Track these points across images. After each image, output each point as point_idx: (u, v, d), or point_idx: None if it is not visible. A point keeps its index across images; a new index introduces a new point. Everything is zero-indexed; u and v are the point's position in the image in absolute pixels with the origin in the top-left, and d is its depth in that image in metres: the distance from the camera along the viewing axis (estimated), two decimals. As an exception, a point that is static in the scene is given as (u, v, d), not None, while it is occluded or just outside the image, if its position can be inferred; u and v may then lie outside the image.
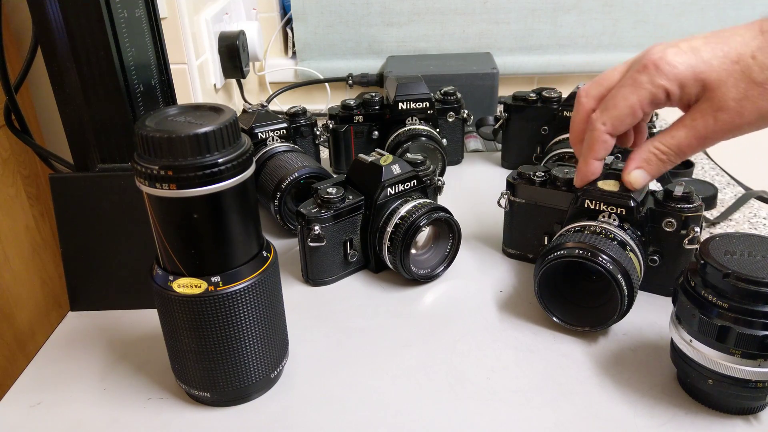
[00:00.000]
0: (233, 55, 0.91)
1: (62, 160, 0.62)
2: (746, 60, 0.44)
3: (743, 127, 0.45)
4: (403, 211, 0.61)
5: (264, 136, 0.75)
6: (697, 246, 0.52)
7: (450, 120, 0.87)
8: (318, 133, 0.83)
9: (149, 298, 0.46)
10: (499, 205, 0.65)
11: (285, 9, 1.15)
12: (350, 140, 0.85)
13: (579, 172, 0.55)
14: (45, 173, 0.76)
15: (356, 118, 0.84)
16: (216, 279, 0.43)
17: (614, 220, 0.56)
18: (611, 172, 0.57)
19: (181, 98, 0.67)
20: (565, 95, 0.82)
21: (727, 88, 0.44)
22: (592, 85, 0.53)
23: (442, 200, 0.67)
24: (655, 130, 0.75)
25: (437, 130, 0.84)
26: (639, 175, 0.51)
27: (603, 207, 0.56)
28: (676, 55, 0.46)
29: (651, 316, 0.57)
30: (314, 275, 0.64)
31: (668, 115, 1.07)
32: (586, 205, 0.57)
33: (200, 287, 0.43)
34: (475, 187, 0.84)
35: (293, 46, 1.16)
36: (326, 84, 1.14)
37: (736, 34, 0.46)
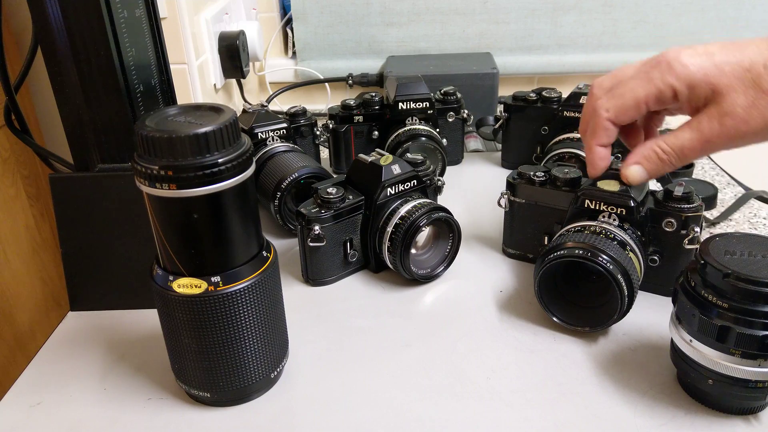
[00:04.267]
0: (233, 55, 0.91)
1: (62, 160, 0.62)
2: (758, 68, 0.44)
3: (748, 135, 0.45)
4: (403, 211, 0.61)
5: (264, 136, 0.75)
6: (697, 246, 0.52)
7: (450, 120, 0.87)
8: (318, 133, 0.83)
9: (149, 298, 0.46)
10: (499, 205, 0.65)
11: (285, 9, 1.15)
12: (350, 140, 0.85)
13: (588, 161, 0.55)
14: (45, 173, 0.76)
15: (356, 118, 0.84)
16: (216, 279, 0.43)
17: (614, 220, 0.56)
18: (611, 172, 0.57)
19: (181, 98, 0.67)
20: (565, 95, 0.82)
21: (736, 95, 0.45)
22: (606, 77, 0.53)
23: (442, 200, 0.67)
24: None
25: (437, 130, 0.84)
26: (636, 170, 0.51)
27: (603, 207, 0.56)
28: (690, 56, 0.47)
29: (651, 316, 0.57)
30: (314, 275, 0.64)
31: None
32: (586, 205, 0.57)
33: (200, 287, 0.43)
34: (475, 187, 0.84)
35: (293, 46, 1.16)
36: (326, 84, 1.14)
37: (753, 44, 0.46)
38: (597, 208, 0.57)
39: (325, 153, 0.91)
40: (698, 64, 0.46)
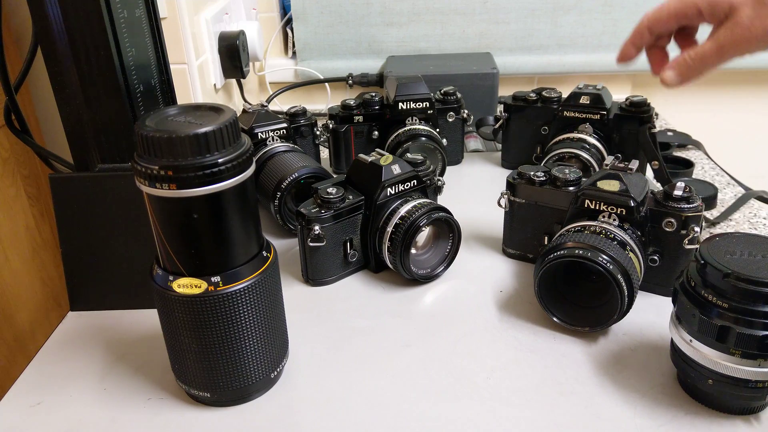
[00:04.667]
0: (233, 55, 0.91)
1: (62, 160, 0.62)
2: None
3: (752, 42, 0.54)
4: (403, 211, 0.61)
5: (264, 136, 0.75)
6: (697, 246, 0.52)
7: (450, 120, 0.87)
8: (318, 133, 0.83)
9: (149, 298, 0.46)
10: (499, 205, 0.65)
11: (285, 9, 1.15)
12: (350, 140, 0.85)
13: (620, 50, 0.64)
14: (45, 173, 0.76)
15: (356, 118, 0.84)
16: (216, 279, 0.43)
17: (614, 220, 0.56)
18: (611, 173, 0.57)
19: (181, 98, 0.67)
20: (565, 95, 0.82)
21: (746, 9, 0.54)
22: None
23: (442, 200, 0.67)
24: (654, 130, 0.75)
25: (437, 130, 0.84)
26: (669, 74, 0.60)
27: (603, 207, 0.56)
28: None
29: (651, 316, 0.57)
30: (314, 275, 0.64)
31: (670, 118, 1.07)
32: (586, 205, 0.57)
33: (200, 287, 0.43)
34: (475, 187, 0.84)
35: (293, 46, 1.16)
36: (326, 84, 1.14)
37: None
38: (597, 208, 0.57)
39: (325, 153, 0.91)
40: None
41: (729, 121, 1.20)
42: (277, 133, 0.76)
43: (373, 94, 0.85)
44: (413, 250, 0.62)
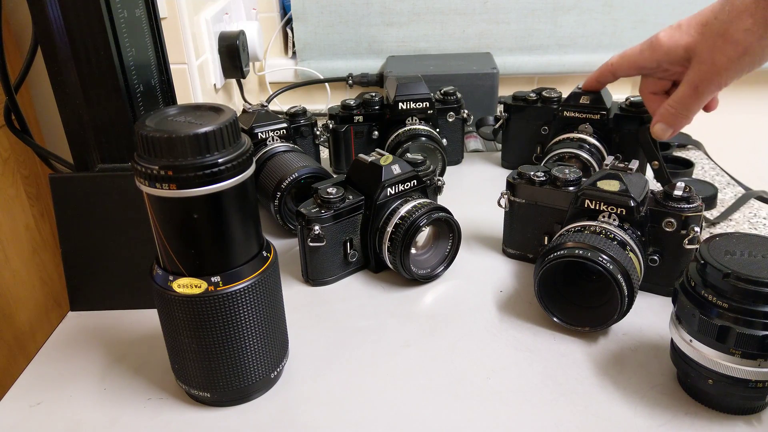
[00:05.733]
0: (233, 55, 0.91)
1: (62, 160, 0.62)
2: (711, 21, 0.56)
3: (721, 73, 0.56)
4: (403, 211, 0.61)
5: (264, 136, 0.75)
6: (697, 246, 0.52)
7: (450, 120, 0.87)
8: (318, 133, 0.83)
9: (149, 298, 0.46)
10: (499, 205, 0.65)
11: (285, 9, 1.15)
12: (350, 140, 0.85)
13: (586, 81, 0.75)
14: (45, 173, 0.76)
15: (356, 118, 0.84)
16: (216, 279, 0.43)
17: (614, 220, 0.56)
18: (611, 173, 0.57)
19: (181, 98, 0.67)
20: (565, 95, 0.81)
21: (703, 46, 0.56)
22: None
23: (442, 200, 0.67)
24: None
25: (437, 130, 0.84)
26: (659, 126, 0.63)
27: (603, 207, 0.56)
28: (664, 33, 0.61)
29: (651, 316, 0.57)
30: (314, 275, 0.64)
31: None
32: (586, 205, 0.57)
33: (200, 287, 0.43)
34: (475, 187, 0.84)
35: (293, 46, 1.16)
36: (326, 84, 1.14)
37: (709, 5, 0.58)
38: (597, 208, 0.57)
39: (325, 153, 0.91)
40: (668, 36, 0.60)
41: (729, 121, 1.20)
42: (277, 133, 0.76)
43: (373, 94, 0.85)
44: (413, 250, 0.62)
